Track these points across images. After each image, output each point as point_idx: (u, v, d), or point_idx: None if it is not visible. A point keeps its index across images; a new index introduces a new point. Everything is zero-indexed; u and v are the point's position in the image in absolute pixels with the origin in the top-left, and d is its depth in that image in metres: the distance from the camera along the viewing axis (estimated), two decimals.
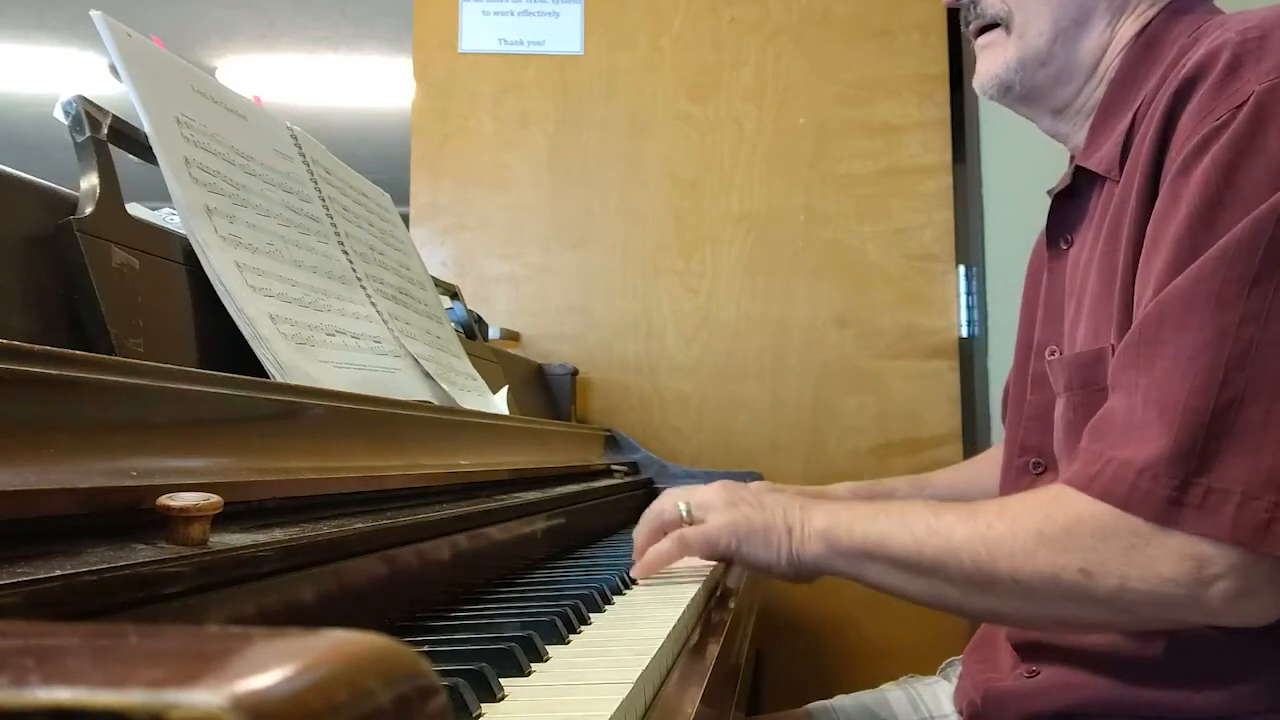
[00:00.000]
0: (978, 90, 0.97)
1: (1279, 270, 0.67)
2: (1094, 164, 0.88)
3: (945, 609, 0.80)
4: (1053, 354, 0.92)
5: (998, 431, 1.99)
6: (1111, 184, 0.85)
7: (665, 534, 0.89)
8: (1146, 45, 0.88)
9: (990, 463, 1.27)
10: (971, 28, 0.96)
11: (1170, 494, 0.66)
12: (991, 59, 0.94)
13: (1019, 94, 0.94)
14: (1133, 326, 0.73)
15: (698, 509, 0.88)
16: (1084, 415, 0.82)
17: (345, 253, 1.03)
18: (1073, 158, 0.95)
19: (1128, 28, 0.90)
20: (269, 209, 0.90)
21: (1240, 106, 0.71)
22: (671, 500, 0.91)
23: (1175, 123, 0.76)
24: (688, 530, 0.87)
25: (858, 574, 0.81)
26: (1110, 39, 0.90)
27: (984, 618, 0.92)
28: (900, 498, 1.21)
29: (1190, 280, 0.69)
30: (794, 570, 0.83)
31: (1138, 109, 0.84)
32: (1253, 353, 0.66)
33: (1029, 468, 0.95)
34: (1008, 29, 0.93)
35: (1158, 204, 0.75)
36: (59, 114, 0.72)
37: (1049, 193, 0.96)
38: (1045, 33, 0.91)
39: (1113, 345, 0.79)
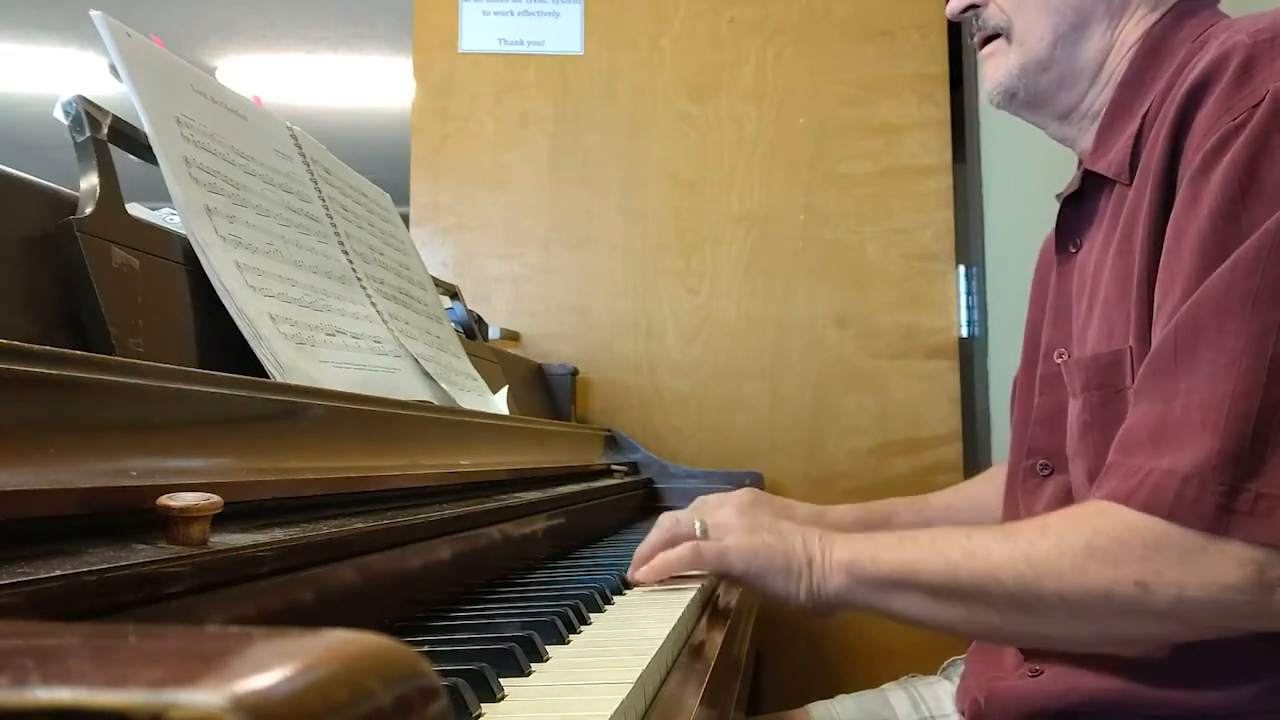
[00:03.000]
0: (987, 100, 0.99)
1: None
2: (1103, 168, 0.88)
3: (982, 636, 0.77)
4: (1061, 356, 0.92)
5: (999, 432, 2.00)
6: (1121, 187, 0.85)
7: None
8: (1152, 48, 0.88)
9: (988, 483, 1.25)
10: (975, 39, 0.98)
11: (1219, 501, 0.65)
12: (995, 68, 0.96)
13: (1024, 100, 0.95)
14: (1164, 333, 0.72)
15: (715, 529, 0.86)
16: (1100, 417, 0.82)
17: (345, 253, 1.03)
18: (1081, 161, 0.95)
19: (1130, 30, 0.90)
20: (269, 209, 0.90)
21: (1257, 105, 0.70)
22: (687, 518, 0.89)
23: (1189, 125, 0.75)
24: (705, 543, 0.84)
25: (884, 606, 0.78)
26: (1112, 42, 0.91)
27: (1026, 642, 0.88)
28: (899, 520, 1.18)
29: (1223, 282, 0.68)
30: (813, 603, 0.80)
31: (1146, 112, 0.84)
32: None
33: (1036, 470, 0.95)
34: (1008, 38, 0.94)
35: (1176, 205, 0.75)
36: (59, 114, 0.72)
37: (1057, 196, 0.96)
38: (1045, 38, 0.92)
39: (1130, 347, 0.79)
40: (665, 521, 0.90)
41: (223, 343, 0.76)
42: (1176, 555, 0.66)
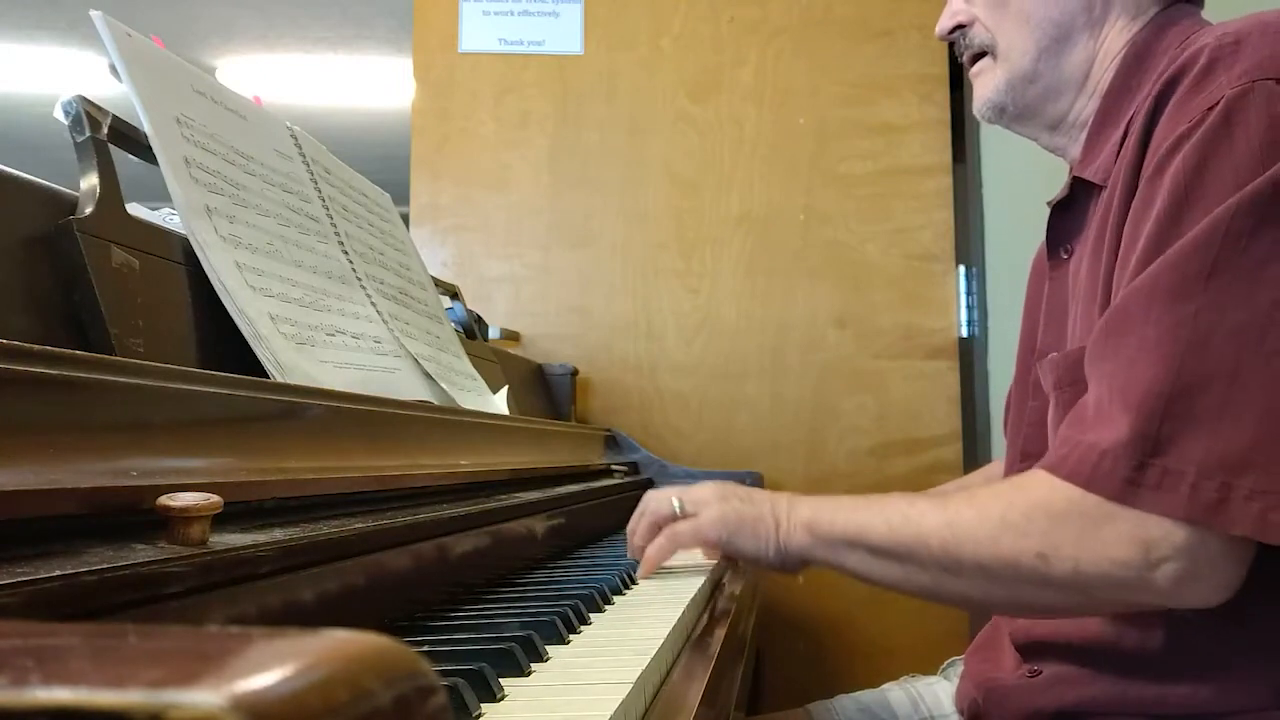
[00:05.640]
0: (978, 116, 1.01)
1: (1235, 264, 0.69)
2: (1090, 174, 0.89)
3: (920, 595, 0.84)
4: (1051, 359, 0.93)
5: (998, 433, 2.00)
6: (1106, 192, 0.86)
7: (659, 529, 0.94)
8: (1137, 56, 0.90)
9: (986, 478, 1.27)
10: (965, 58, 1.01)
11: (1129, 474, 0.69)
12: (984, 85, 0.98)
13: (1014, 114, 0.98)
14: (1100, 321, 0.76)
15: (690, 505, 0.92)
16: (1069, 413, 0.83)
17: (345, 253, 1.03)
18: (1071, 169, 0.96)
19: (1114, 40, 0.92)
20: (269, 209, 0.90)
21: (1211, 109, 0.73)
22: (664, 497, 0.94)
23: (1155, 126, 0.78)
24: (679, 524, 0.92)
25: (839, 562, 0.85)
26: (1095, 52, 0.93)
27: (955, 602, 0.96)
28: None
29: (1151, 275, 0.72)
30: (780, 559, 0.87)
31: (1131, 118, 0.85)
32: (1209, 342, 0.68)
33: None
34: (994, 54, 0.97)
35: (1134, 205, 0.78)
36: (59, 114, 0.72)
37: (1048, 204, 0.97)
38: (1028, 52, 0.94)
39: None
40: (649, 504, 0.96)
41: (223, 343, 0.76)
42: (1077, 529, 0.71)
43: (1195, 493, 0.67)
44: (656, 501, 0.95)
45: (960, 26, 0.98)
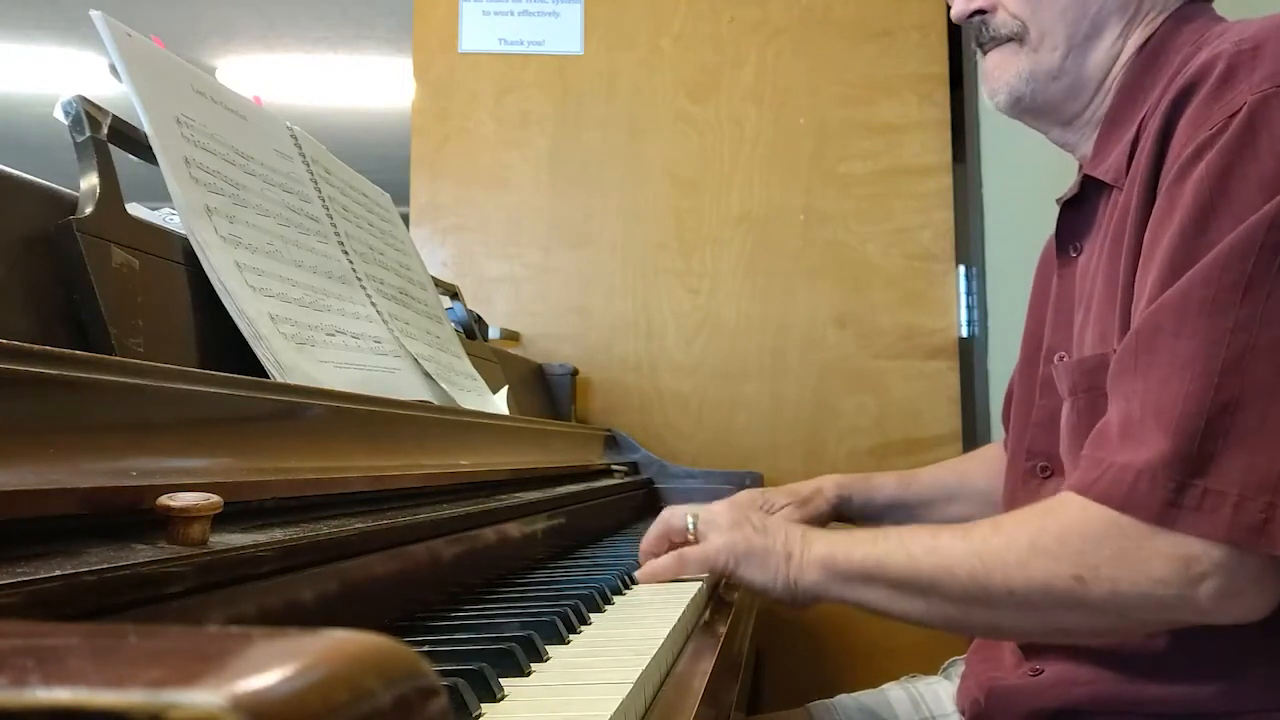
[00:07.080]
0: (989, 101, 0.97)
1: (1271, 276, 0.68)
2: (1101, 173, 0.88)
3: (945, 628, 0.83)
4: (1061, 359, 0.92)
5: (997, 433, 1.99)
6: (1118, 192, 0.86)
7: (670, 543, 0.94)
8: (1151, 55, 0.89)
9: (981, 461, 1.27)
10: (983, 45, 0.96)
11: (1168, 496, 0.67)
12: (1004, 71, 0.94)
13: (1029, 106, 0.95)
14: (1128, 334, 0.74)
15: (704, 524, 0.92)
16: (1088, 419, 0.82)
17: (345, 253, 1.03)
18: (1081, 166, 0.96)
19: (1135, 38, 0.91)
20: (269, 209, 0.90)
21: (1234, 115, 0.72)
22: (681, 512, 0.94)
23: (1172, 131, 0.77)
24: (688, 550, 0.91)
25: (856, 598, 0.83)
26: (1120, 49, 0.91)
27: (984, 633, 0.94)
28: (886, 494, 1.28)
29: (1184, 288, 0.70)
30: (789, 594, 0.85)
31: (1143, 118, 0.84)
32: (1246, 358, 0.67)
33: (1036, 471, 0.96)
34: (1021, 42, 0.93)
35: (1154, 211, 0.76)
36: (59, 114, 0.72)
37: (1058, 201, 0.97)
38: (1059, 47, 0.91)
39: (1114, 351, 0.79)
40: (665, 515, 0.96)
41: (223, 343, 0.76)
42: (1114, 550, 0.69)
43: (1238, 514, 0.65)
44: (673, 515, 0.95)
45: (980, 11, 0.95)
